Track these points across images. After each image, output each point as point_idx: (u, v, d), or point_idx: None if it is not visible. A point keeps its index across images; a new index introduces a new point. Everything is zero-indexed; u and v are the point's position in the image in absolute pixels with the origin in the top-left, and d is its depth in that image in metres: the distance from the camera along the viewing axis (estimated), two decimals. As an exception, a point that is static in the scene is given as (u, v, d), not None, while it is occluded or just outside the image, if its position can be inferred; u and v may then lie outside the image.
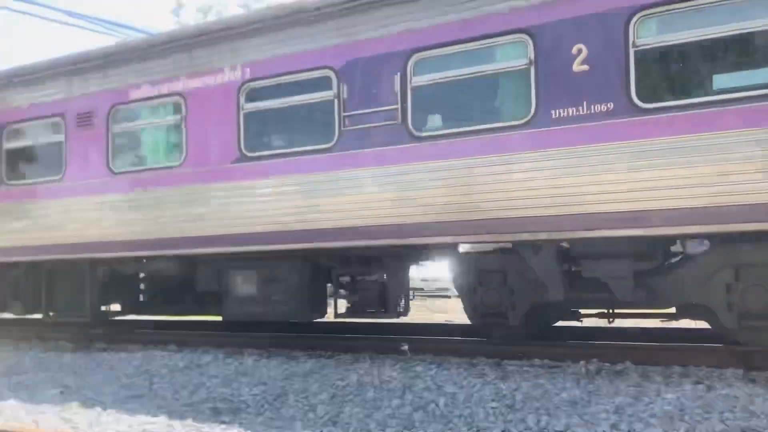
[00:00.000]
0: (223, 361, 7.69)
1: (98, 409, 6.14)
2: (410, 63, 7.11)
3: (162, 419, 5.70)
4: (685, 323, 7.78)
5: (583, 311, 7.71)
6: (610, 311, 7.29)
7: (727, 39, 6.06)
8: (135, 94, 8.91)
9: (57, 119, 9.49)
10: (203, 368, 7.49)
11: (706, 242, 6.49)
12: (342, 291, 8.23)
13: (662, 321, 7.48)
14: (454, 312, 13.77)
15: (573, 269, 6.92)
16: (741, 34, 5.96)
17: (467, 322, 8.08)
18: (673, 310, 7.06)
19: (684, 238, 6.58)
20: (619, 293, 6.43)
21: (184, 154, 8.55)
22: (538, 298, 7.01)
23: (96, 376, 7.60)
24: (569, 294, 6.78)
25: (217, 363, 7.64)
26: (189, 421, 5.62)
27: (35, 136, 9.85)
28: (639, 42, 6.15)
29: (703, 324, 7.02)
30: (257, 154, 8.11)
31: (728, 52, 6.33)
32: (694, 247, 6.70)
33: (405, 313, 7.97)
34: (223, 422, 5.62)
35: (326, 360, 7.43)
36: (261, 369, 7.23)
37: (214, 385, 6.82)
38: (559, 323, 8.29)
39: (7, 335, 10.18)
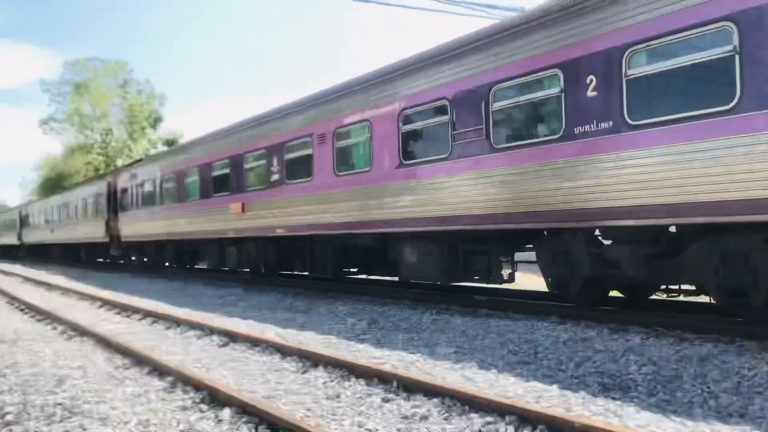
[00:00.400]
0: (609, 336, 7.58)
1: (493, 371, 6.65)
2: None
3: (554, 389, 5.87)
4: None
5: None
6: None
7: None
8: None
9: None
10: (588, 342, 7.50)
11: None
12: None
13: None
14: None
15: None
16: None
17: None
18: None
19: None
20: None
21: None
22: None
23: (484, 340, 8.24)
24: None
25: (601, 338, 7.57)
26: (582, 394, 5.69)
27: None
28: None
29: None
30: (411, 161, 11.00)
31: None
32: None
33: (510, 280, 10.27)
34: (614, 398, 5.55)
35: (725, 345, 6.74)
36: (649, 348, 6.93)
37: (601, 360, 6.77)
38: None
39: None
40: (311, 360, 7.22)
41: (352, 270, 14.30)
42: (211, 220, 17.30)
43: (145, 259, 24.49)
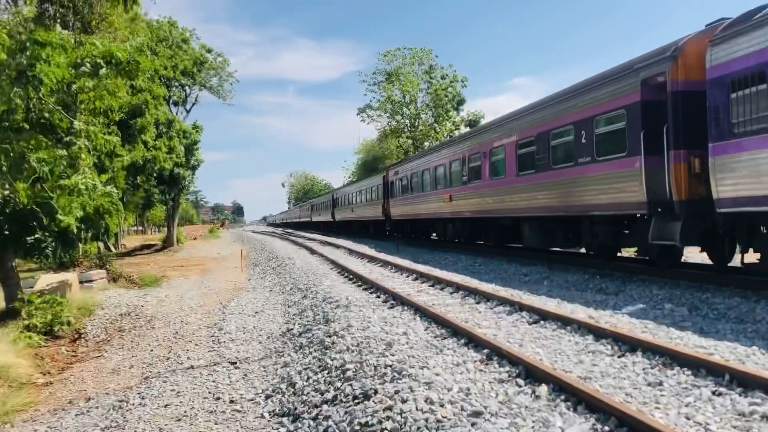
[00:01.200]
0: None
1: None
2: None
3: None
4: None
5: None
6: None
7: None
8: None
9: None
10: None
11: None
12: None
13: None
14: None
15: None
16: None
17: None
18: None
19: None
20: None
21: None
22: None
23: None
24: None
25: None
26: None
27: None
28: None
29: None
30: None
31: None
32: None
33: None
34: None
35: None
36: None
37: None
38: None
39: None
40: (628, 344, 6.94)
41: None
42: (434, 206, 25.45)
43: (396, 234, 35.18)
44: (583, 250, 16.12)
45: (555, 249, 17.68)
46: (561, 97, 14.95)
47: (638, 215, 12.13)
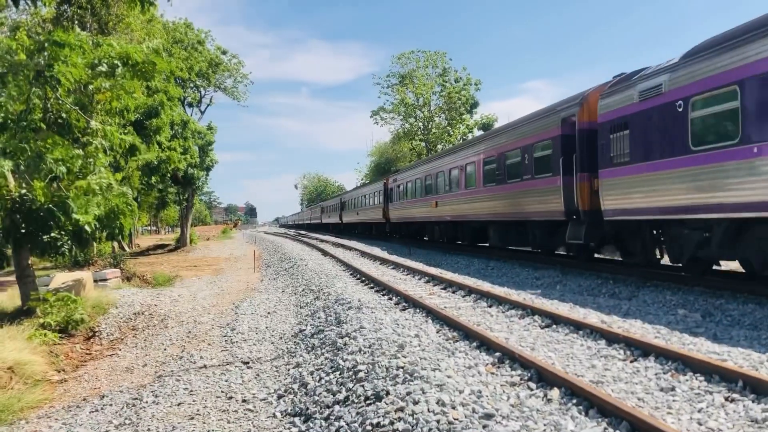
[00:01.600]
0: None
1: None
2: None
3: None
4: None
5: None
6: None
7: None
8: None
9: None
10: None
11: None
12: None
13: None
14: None
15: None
16: None
17: None
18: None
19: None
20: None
21: None
22: None
23: None
24: None
25: None
26: None
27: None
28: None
29: None
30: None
31: None
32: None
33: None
34: None
35: None
36: None
37: None
38: None
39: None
40: (640, 349, 6.92)
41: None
42: (424, 210, 28.48)
43: (389, 234, 39.54)
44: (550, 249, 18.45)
45: (558, 252, 17.62)
46: (514, 125, 19.00)
47: (560, 221, 15.53)
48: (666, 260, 12.71)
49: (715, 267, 12.46)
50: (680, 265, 11.97)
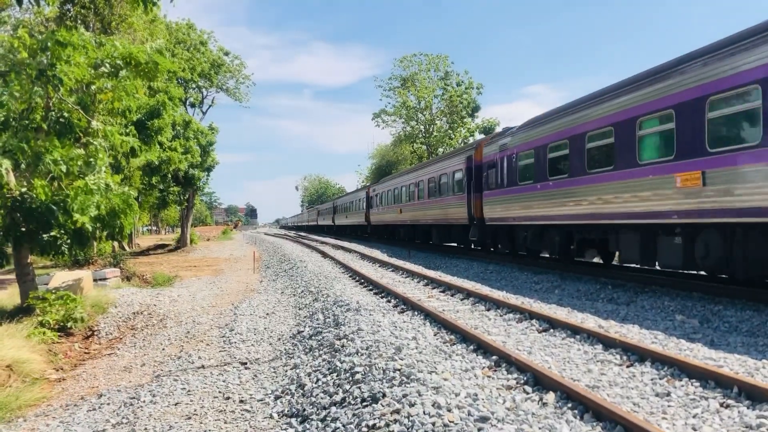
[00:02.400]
0: None
1: None
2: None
3: None
4: None
5: None
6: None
7: None
8: None
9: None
10: None
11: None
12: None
13: None
14: None
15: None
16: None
17: None
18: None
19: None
20: None
21: None
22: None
23: None
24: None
25: None
26: None
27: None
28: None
29: None
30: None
31: None
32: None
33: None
34: None
35: None
36: None
37: None
38: None
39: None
40: (636, 354, 6.94)
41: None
42: (393, 215, 35.38)
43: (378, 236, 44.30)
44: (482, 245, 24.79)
45: (558, 258, 17.67)
46: (443, 157, 28.88)
47: (466, 224, 23.05)
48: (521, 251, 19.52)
49: (714, 274, 12.46)
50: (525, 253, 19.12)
